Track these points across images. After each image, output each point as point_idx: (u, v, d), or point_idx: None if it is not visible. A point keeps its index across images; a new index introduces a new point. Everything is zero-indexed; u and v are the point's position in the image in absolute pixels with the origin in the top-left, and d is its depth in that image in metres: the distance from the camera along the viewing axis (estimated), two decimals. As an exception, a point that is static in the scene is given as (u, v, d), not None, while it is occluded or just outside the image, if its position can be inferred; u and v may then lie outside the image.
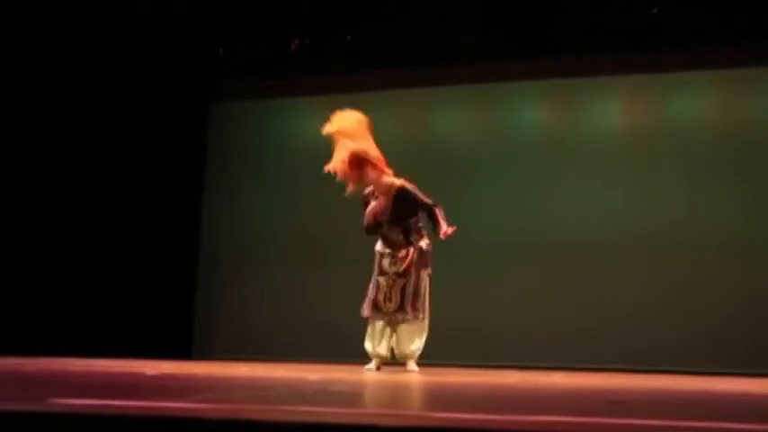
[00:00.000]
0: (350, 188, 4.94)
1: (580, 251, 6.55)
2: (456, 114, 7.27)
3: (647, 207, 6.54)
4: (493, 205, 6.86)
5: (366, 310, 4.98)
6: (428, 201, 5.00)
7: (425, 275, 5.06)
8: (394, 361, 5.01)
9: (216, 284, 7.46)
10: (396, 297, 4.96)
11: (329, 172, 4.88)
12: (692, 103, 6.69)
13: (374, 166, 4.94)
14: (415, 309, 4.96)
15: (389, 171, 4.98)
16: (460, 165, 6.98)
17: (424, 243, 5.04)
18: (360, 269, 5.10)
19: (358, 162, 4.88)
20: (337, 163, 4.89)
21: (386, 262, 5.03)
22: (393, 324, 4.99)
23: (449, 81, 6.88)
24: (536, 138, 6.94)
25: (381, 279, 5.00)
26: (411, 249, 5.00)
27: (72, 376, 3.50)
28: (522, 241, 6.71)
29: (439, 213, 4.96)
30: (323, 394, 2.77)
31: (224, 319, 7.34)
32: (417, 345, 4.97)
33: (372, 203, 5.04)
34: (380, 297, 4.96)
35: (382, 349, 4.97)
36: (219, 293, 7.42)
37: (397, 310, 4.95)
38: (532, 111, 7.07)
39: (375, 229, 5.02)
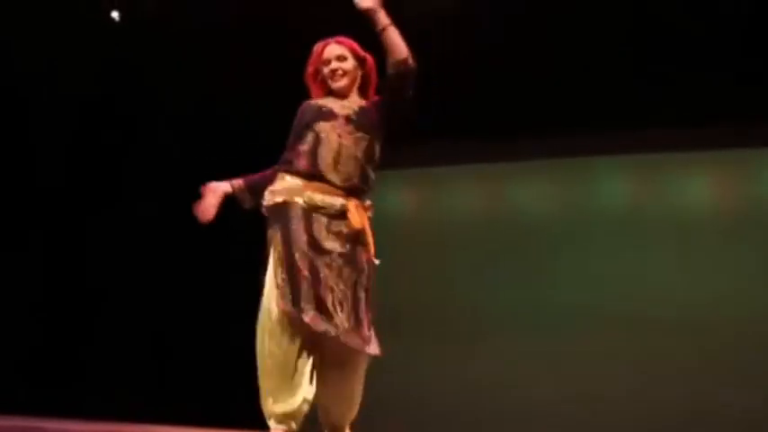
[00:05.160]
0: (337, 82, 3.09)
1: (663, 327, 6.29)
2: (537, 188, 7.15)
3: (735, 285, 6.26)
4: (575, 279, 6.66)
5: (284, 304, 2.83)
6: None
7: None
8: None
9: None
10: (347, 302, 2.88)
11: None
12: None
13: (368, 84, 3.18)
14: (367, 334, 2.90)
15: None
16: (542, 240, 6.83)
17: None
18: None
19: (367, 64, 3.17)
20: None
21: (318, 227, 2.92)
22: (323, 353, 2.90)
23: (529, 155, 6.78)
24: (619, 212, 6.75)
25: (320, 260, 2.87)
26: (358, 206, 3.01)
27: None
28: (604, 316, 6.48)
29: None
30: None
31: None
32: (355, 408, 2.99)
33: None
34: (324, 293, 2.84)
35: (300, 398, 2.87)
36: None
37: (349, 329, 2.85)
38: (615, 184, 6.92)
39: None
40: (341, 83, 3.09)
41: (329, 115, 3.01)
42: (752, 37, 5.87)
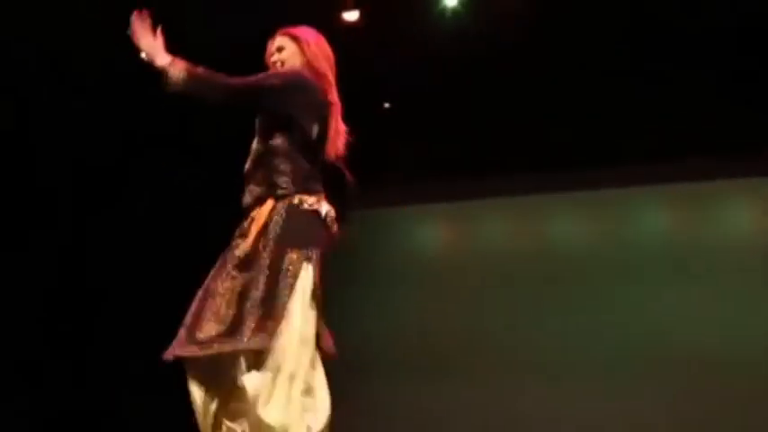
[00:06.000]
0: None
1: (705, 367, 6.17)
2: (569, 221, 7.01)
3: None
4: (612, 317, 6.54)
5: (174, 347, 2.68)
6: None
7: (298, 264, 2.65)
8: None
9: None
10: (232, 306, 2.64)
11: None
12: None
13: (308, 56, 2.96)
14: (261, 326, 2.55)
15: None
16: (575, 274, 6.71)
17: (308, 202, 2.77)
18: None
19: (306, 46, 2.98)
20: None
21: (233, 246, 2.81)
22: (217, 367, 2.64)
23: (565, 187, 6.70)
24: (657, 246, 6.62)
25: (219, 284, 2.73)
26: (272, 205, 2.77)
27: None
28: (643, 356, 6.38)
29: None
30: None
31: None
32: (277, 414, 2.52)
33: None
34: (208, 314, 2.67)
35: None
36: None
37: (224, 333, 2.59)
38: (653, 217, 6.81)
39: None
40: None
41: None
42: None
